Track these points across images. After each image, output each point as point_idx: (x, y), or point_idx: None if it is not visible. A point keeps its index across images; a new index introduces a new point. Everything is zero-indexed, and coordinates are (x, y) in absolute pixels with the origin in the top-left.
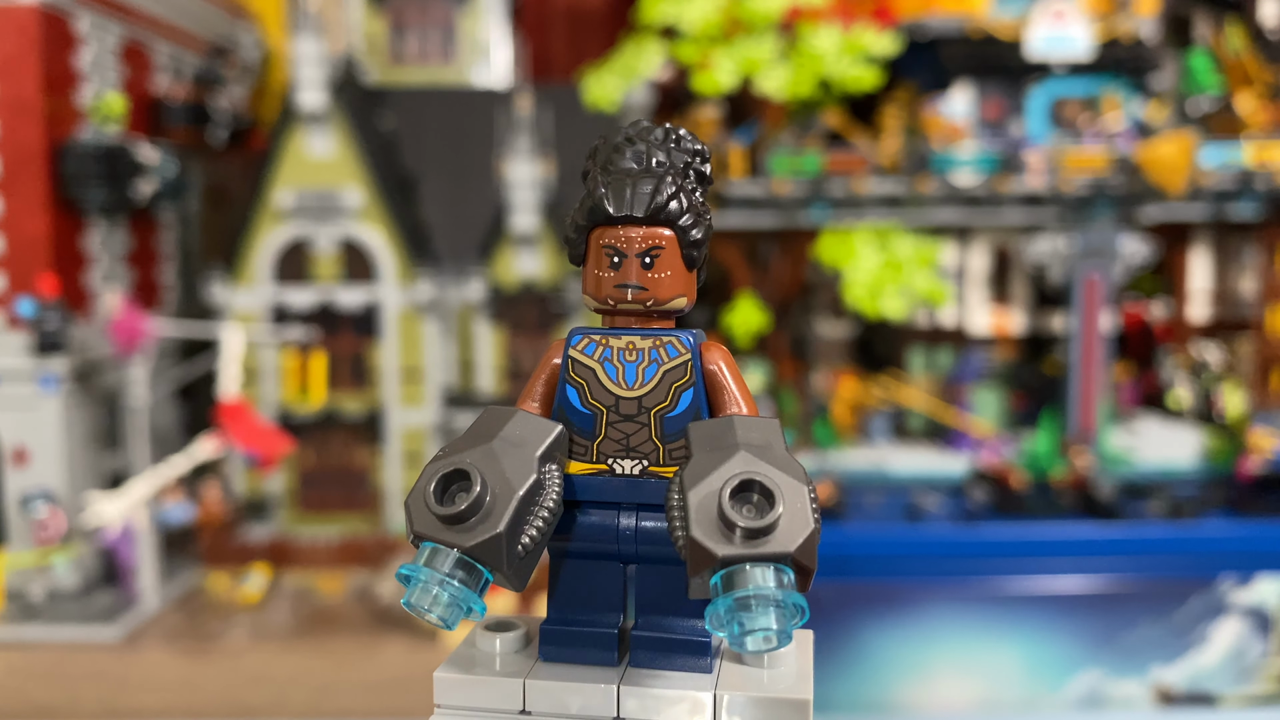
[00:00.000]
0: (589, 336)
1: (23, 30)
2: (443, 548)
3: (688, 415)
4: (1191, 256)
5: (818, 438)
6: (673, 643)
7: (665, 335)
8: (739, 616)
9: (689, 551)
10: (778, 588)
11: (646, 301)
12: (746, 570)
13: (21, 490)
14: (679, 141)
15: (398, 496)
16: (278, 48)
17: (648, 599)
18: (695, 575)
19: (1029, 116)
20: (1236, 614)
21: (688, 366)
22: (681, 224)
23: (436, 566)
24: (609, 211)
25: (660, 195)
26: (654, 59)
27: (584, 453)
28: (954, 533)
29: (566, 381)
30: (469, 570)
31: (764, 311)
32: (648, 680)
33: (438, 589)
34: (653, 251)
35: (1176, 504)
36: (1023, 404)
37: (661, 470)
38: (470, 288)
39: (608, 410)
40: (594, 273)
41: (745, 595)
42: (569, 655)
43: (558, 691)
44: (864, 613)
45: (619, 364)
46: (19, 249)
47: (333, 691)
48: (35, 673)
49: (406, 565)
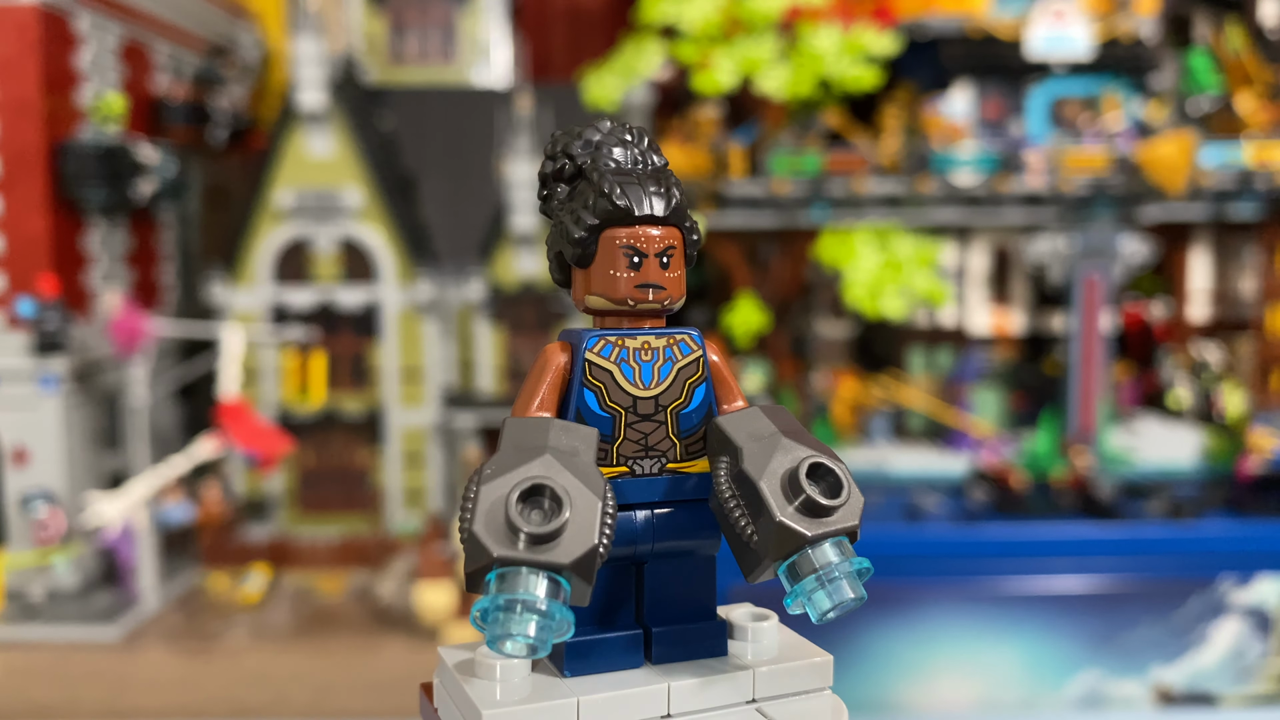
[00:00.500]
0: (604, 339)
1: (23, 30)
2: (524, 569)
3: (701, 410)
4: (1191, 256)
5: (818, 438)
6: (691, 632)
7: (677, 333)
8: (842, 586)
9: (776, 536)
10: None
11: (665, 301)
12: (823, 547)
13: (21, 490)
14: (651, 143)
15: (398, 496)
16: (278, 48)
17: (662, 593)
18: (781, 559)
19: (1029, 116)
20: (1236, 614)
21: (700, 362)
22: (687, 225)
23: (529, 589)
24: (630, 211)
25: (675, 195)
26: (654, 59)
27: (604, 456)
28: (954, 533)
29: (584, 385)
30: (555, 588)
31: (764, 311)
32: (684, 672)
33: (537, 614)
34: (669, 251)
35: (1176, 504)
36: (1023, 404)
37: (679, 467)
38: (470, 288)
39: (626, 411)
40: (609, 273)
41: (852, 568)
42: (595, 665)
43: (613, 704)
44: (864, 613)
45: (635, 364)
46: (19, 249)
47: (333, 691)
48: (35, 673)
49: (485, 598)
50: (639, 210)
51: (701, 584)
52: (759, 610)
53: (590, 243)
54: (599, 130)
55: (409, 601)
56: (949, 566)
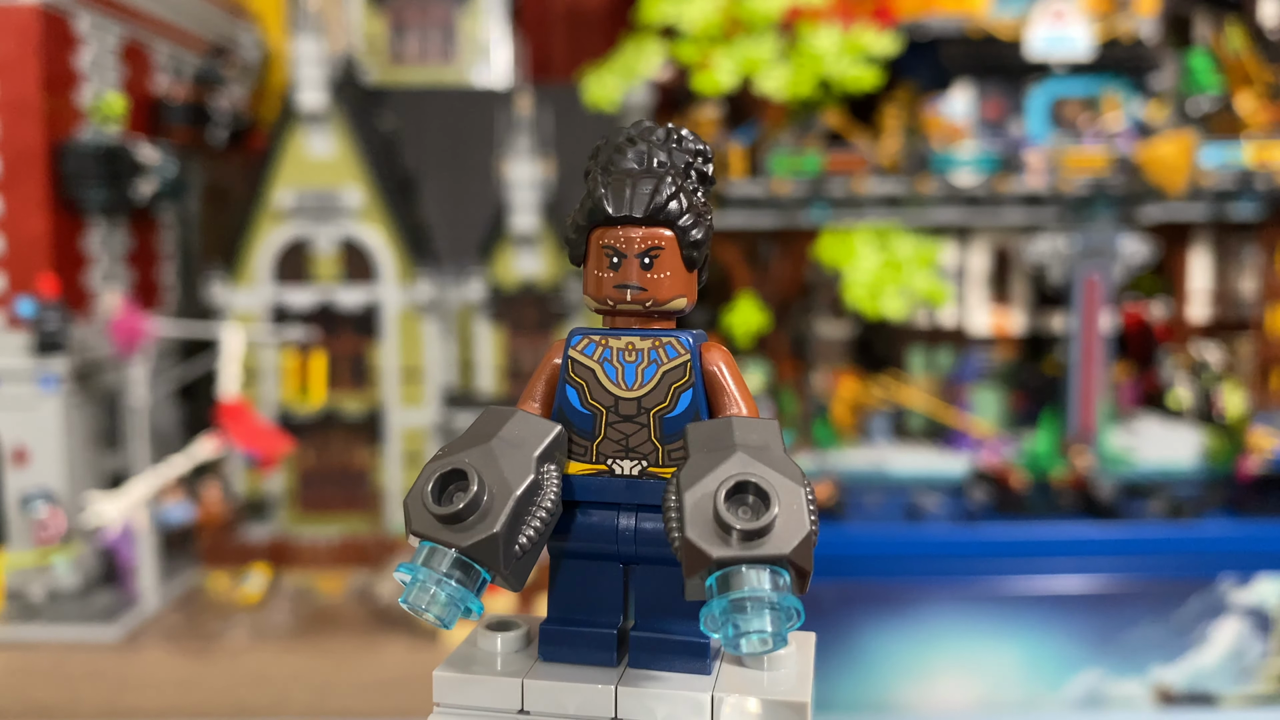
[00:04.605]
0: (589, 337)
1: (23, 30)
2: (440, 547)
3: (687, 416)
4: (1191, 256)
5: (818, 438)
6: (672, 644)
7: (665, 336)
8: (734, 618)
9: (684, 553)
10: (773, 590)
11: (645, 302)
12: (742, 572)
13: (21, 490)
14: (680, 141)
15: (398, 496)
16: (278, 48)
17: (647, 600)
18: (691, 577)
19: (1029, 116)
20: (1236, 614)
21: (687, 367)
22: (681, 224)
23: (434, 566)
24: (608, 212)
25: (660, 195)
26: (654, 59)
27: (583, 453)
28: (954, 533)
29: (566, 382)
30: (466, 570)
31: (764, 311)
32: (646, 681)
33: (435, 588)
34: (652, 252)
35: (1176, 504)
36: (1023, 404)
37: (660, 471)
38: (470, 288)
39: (607, 411)
40: (594, 273)
41: (740, 597)
42: (568, 655)
43: (556, 691)
44: (864, 613)
45: (618, 364)
46: (19, 249)
47: (333, 691)
48: (35, 673)
49: (405, 564)
50: (616, 211)
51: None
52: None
53: (579, 243)
54: (626, 131)
55: None
56: (949, 566)
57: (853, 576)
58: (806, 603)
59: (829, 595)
